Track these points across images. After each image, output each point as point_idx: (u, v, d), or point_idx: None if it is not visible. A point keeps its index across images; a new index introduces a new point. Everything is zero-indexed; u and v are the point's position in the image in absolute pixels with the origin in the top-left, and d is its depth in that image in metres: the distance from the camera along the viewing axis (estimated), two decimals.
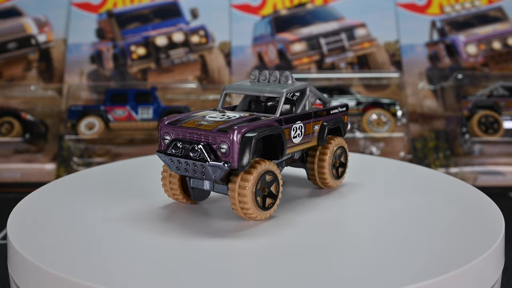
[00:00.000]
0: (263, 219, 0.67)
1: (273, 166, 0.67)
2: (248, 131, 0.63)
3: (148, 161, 0.95)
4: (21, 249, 0.60)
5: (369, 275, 0.56)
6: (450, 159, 1.54)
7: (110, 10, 1.69)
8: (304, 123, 0.72)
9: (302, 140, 0.73)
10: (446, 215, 0.71)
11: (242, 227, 0.67)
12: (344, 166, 0.80)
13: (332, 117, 0.77)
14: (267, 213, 0.67)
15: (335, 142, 0.77)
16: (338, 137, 0.78)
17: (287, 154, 0.73)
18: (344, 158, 0.80)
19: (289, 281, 0.55)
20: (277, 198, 0.68)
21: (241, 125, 0.64)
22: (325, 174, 0.76)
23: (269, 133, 0.65)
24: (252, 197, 0.64)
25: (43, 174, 1.53)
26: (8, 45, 1.66)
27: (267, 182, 0.66)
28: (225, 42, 1.67)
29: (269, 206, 0.67)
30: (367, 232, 0.66)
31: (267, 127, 0.66)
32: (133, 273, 0.56)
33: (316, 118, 0.74)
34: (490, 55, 1.66)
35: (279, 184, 0.68)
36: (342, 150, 0.79)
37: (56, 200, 0.76)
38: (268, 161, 0.66)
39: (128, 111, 1.52)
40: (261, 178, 0.65)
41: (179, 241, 0.64)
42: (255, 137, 0.63)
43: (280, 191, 0.68)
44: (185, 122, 0.68)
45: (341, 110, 0.79)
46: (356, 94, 1.58)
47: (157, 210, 0.72)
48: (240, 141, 0.62)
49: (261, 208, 0.66)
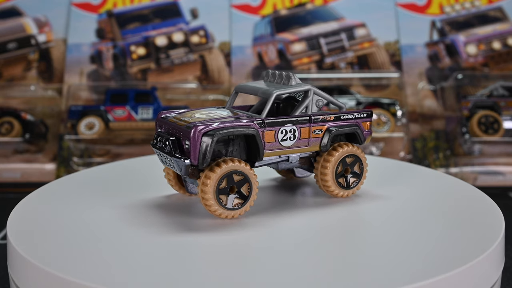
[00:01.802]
0: (230, 218, 0.67)
1: (244, 167, 0.66)
2: (210, 130, 0.64)
3: (148, 161, 0.95)
4: (21, 249, 0.60)
5: (369, 274, 0.56)
6: (450, 159, 1.54)
7: (110, 10, 1.69)
8: (299, 126, 0.70)
9: (296, 144, 0.71)
10: (446, 215, 0.71)
11: (243, 227, 0.67)
12: (358, 176, 0.76)
13: (343, 123, 0.74)
14: (234, 213, 0.67)
15: (343, 150, 0.74)
16: (350, 144, 0.75)
17: (276, 157, 0.71)
18: (359, 168, 0.76)
19: (289, 281, 0.55)
20: (248, 199, 0.67)
21: (205, 123, 0.65)
22: (328, 182, 0.74)
23: (236, 133, 0.65)
24: (214, 194, 0.65)
25: (43, 174, 1.53)
26: (8, 45, 1.66)
27: (236, 182, 0.66)
28: (225, 42, 1.67)
29: (236, 206, 0.67)
30: (366, 232, 0.67)
31: (238, 127, 0.65)
32: (133, 273, 0.56)
33: (318, 122, 0.72)
34: (490, 55, 1.66)
35: (252, 186, 0.67)
36: (355, 159, 0.75)
37: (56, 200, 0.76)
38: (239, 161, 0.66)
39: (128, 111, 1.52)
40: (226, 177, 0.65)
41: (179, 241, 0.64)
42: (215, 135, 0.64)
43: (254, 192, 0.68)
44: (173, 117, 0.70)
45: (360, 116, 0.75)
46: (356, 94, 1.58)
47: (157, 210, 0.72)
48: (200, 139, 0.63)
49: (226, 207, 0.66)
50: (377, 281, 0.54)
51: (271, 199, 0.76)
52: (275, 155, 0.70)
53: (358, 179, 0.76)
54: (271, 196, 0.77)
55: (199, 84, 1.61)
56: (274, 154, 0.70)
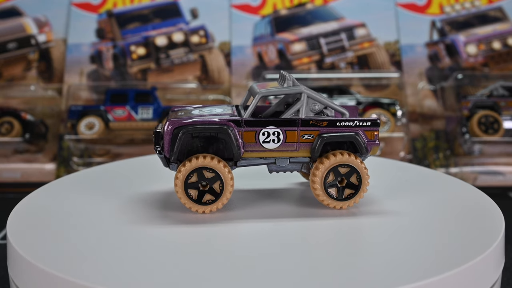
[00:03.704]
0: (201, 212, 0.69)
1: (216, 164, 0.67)
2: (181, 125, 0.67)
3: (148, 161, 0.95)
4: (21, 249, 0.60)
5: (369, 274, 0.56)
6: (450, 159, 1.54)
7: (110, 10, 1.69)
8: (284, 129, 0.69)
9: (282, 147, 0.69)
10: (446, 214, 0.71)
11: (246, 227, 0.67)
12: (354, 188, 0.71)
13: (338, 130, 0.70)
14: (205, 208, 0.69)
15: (335, 158, 0.70)
16: (345, 153, 0.70)
17: (260, 159, 0.70)
18: (357, 179, 0.71)
19: (288, 281, 0.55)
20: (220, 196, 0.68)
21: (180, 119, 0.68)
22: (317, 191, 0.71)
23: (205, 130, 0.67)
24: (182, 188, 0.68)
25: (43, 174, 1.53)
26: (8, 45, 1.66)
27: (208, 179, 0.68)
28: (225, 42, 1.67)
29: (207, 202, 0.68)
30: (366, 232, 0.67)
31: (209, 125, 0.67)
32: (133, 273, 0.56)
33: (307, 127, 0.69)
34: (490, 55, 1.66)
35: (224, 184, 0.68)
36: (351, 169, 0.70)
37: (56, 200, 0.76)
38: (212, 158, 0.68)
39: (128, 111, 1.52)
40: (195, 172, 0.67)
41: (180, 241, 0.64)
42: (183, 131, 0.67)
43: (227, 191, 0.68)
44: (173, 111, 0.74)
45: (362, 124, 0.70)
46: (356, 94, 1.58)
47: (157, 210, 0.72)
48: (171, 133, 0.67)
49: (196, 202, 0.68)
50: (376, 281, 0.54)
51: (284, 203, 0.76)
52: (257, 156, 0.69)
53: (355, 191, 0.71)
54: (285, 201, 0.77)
55: (199, 84, 1.61)
56: (255, 155, 0.69)
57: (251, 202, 0.74)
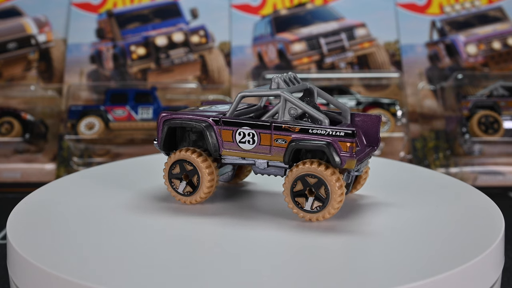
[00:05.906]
0: (183, 202, 0.73)
1: (194, 158, 0.71)
2: (167, 119, 0.72)
3: (148, 161, 0.95)
4: (21, 249, 0.60)
5: (369, 274, 0.56)
6: (450, 159, 1.54)
7: (110, 10, 1.69)
8: (258, 131, 0.68)
9: (257, 149, 0.69)
10: (446, 215, 0.71)
11: (248, 227, 0.67)
12: (321, 201, 0.66)
13: (309, 137, 0.66)
14: (185, 199, 0.72)
15: (302, 167, 0.66)
16: (315, 163, 0.65)
17: (239, 158, 0.71)
18: (325, 192, 0.65)
19: (289, 280, 0.55)
20: (197, 189, 0.71)
21: (172, 113, 0.72)
22: (286, 198, 0.68)
23: (185, 125, 0.71)
24: (167, 177, 0.73)
25: (43, 174, 1.53)
26: (8, 45, 1.66)
27: (188, 171, 0.71)
28: (225, 42, 1.67)
29: (186, 193, 0.72)
30: (366, 232, 0.66)
31: (190, 120, 0.71)
32: (133, 273, 0.56)
33: (280, 131, 0.67)
34: (490, 55, 1.66)
35: (200, 177, 0.71)
36: (318, 181, 0.65)
37: (56, 200, 0.76)
38: (193, 151, 0.71)
39: (128, 111, 1.52)
40: (177, 164, 0.72)
41: (179, 240, 0.64)
42: (167, 123, 0.72)
43: (203, 185, 0.71)
44: (196, 107, 0.78)
45: (336, 134, 0.65)
46: (356, 94, 1.58)
47: (157, 210, 0.72)
48: (162, 124, 0.72)
49: (178, 192, 0.73)
50: (376, 281, 0.54)
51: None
52: (236, 155, 0.70)
53: (323, 204, 0.66)
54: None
55: (199, 84, 1.61)
56: (233, 154, 0.70)
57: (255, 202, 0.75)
